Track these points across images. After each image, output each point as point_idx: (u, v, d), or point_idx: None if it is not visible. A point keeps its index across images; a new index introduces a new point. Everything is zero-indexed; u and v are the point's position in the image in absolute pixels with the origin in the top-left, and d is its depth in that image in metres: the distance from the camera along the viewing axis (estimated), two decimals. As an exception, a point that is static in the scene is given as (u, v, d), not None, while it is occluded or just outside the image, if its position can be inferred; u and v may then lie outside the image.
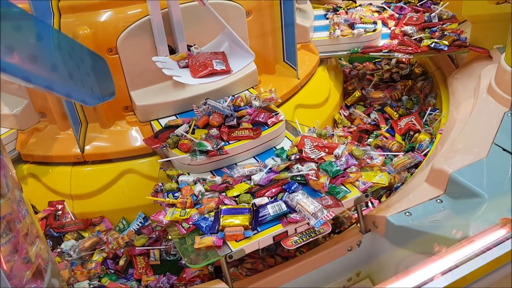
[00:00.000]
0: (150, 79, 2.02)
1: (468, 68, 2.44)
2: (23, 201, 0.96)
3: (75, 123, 1.96)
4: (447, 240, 1.36)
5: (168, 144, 1.79)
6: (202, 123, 1.86)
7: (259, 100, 1.97)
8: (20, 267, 0.90)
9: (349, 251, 1.65)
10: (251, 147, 1.81)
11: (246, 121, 1.86)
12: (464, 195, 1.52)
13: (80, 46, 1.04)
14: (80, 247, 1.83)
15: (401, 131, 2.38)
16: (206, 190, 1.63)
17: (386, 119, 2.49)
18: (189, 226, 1.50)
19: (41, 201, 2.01)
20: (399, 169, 2.07)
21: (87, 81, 0.97)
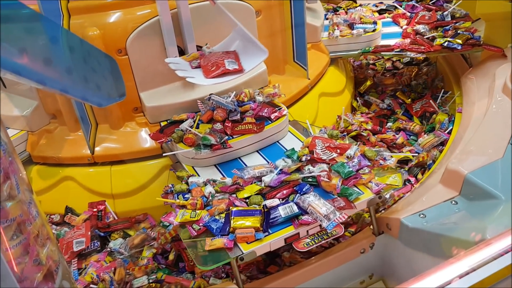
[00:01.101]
0: (159, 80, 2.01)
1: (482, 67, 2.40)
2: (33, 203, 0.95)
3: (85, 125, 1.96)
4: (463, 242, 1.34)
5: (173, 139, 1.82)
6: (207, 118, 1.89)
7: (263, 95, 1.98)
8: (31, 269, 0.89)
9: (361, 253, 1.63)
10: (255, 141, 1.84)
11: (250, 116, 1.88)
12: (480, 197, 1.49)
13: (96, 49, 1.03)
14: (129, 244, 1.83)
15: (418, 113, 2.45)
16: (217, 192, 1.62)
17: (400, 103, 2.57)
18: (200, 227, 1.49)
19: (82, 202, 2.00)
20: (427, 148, 2.14)
21: (104, 84, 0.96)
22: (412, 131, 2.33)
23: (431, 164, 2.07)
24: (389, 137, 2.28)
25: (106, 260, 1.78)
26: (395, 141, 2.26)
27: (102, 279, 1.68)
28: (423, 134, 2.28)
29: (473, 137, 1.78)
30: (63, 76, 0.82)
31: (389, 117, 2.49)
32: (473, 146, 1.72)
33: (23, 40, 0.73)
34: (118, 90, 0.93)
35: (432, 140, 2.16)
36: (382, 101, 2.60)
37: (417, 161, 2.09)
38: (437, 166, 1.97)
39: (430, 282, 1.07)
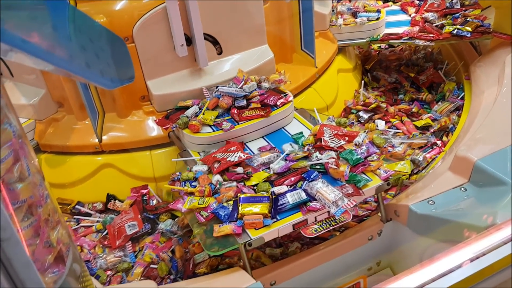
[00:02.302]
0: (166, 68, 2.01)
1: (491, 55, 2.38)
2: (44, 186, 0.95)
3: (92, 113, 1.96)
4: (473, 228, 1.33)
5: (178, 125, 1.83)
6: (212, 105, 1.89)
7: (268, 82, 1.98)
8: (41, 251, 0.89)
9: (369, 240, 1.63)
10: (261, 127, 1.85)
11: (256, 102, 1.88)
12: (489, 183, 1.48)
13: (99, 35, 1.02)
14: (180, 224, 1.86)
15: (425, 84, 2.57)
16: (224, 180, 1.62)
17: (405, 77, 2.66)
18: (208, 214, 1.50)
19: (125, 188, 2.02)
20: (445, 114, 2.30)
21: (112, 66, 0.95)
22: (424, 101, 2.46)
23: (452, 127, 2.23)
24: (406, 107, 2.41)
25: (160, 241, 1.82)
26: (411, 110, 2.38)
27: (162, 259, 1.72)
28: (435, 102, 2.43)
29: (483, 125, 1.76)
30: (71, 57, 0.82)
31: (399, 90, 2.61)
32: (482, 133, 1.71)
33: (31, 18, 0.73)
34: (126, 73, 0.93)
35: (448, 106, 2.33)
36: (389, 75, 2.69)
37: (439, 125, 2.23)
38: (446, 153, 1.96)
39: (441, 266, 1.07)
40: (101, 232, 1.88)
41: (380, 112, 2.37)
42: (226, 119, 1.86)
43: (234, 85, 1.95)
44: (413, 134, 2.19)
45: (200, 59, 1.97)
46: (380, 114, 2.36)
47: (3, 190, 0.78)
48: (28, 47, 0.69)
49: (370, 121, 2.31)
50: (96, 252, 1.80)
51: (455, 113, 2.32)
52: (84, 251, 1.79)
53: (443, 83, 2.53)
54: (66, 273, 0.95)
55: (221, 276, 1.45)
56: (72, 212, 1.99)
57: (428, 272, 1.10)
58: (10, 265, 0.64)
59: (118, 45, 0.89)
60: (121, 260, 1.75)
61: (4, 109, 0.81)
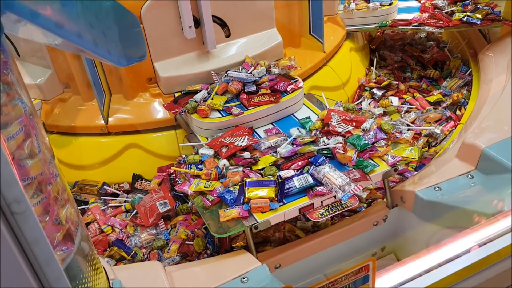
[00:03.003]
0: (174, 50, 1.99)
1: (500, 43, 2.36)
2: (53, 164, 0.95)
3: (99, 94, 1.95)
4: (479, 215, 1.33)
5: (186, 109, 1.81)
6: (221, 90, 1.87)
7: (278, 67, 1.96)
8: (51, 228, 0.90)
9: (374, 225, 1.63)
10: (270, 112, 1.83)
11: (265, 87, 1.86)
12: (497, 171, 1.48)
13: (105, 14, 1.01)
14: None
15: (430, 62, 2.65)
16: (231, 164, 1.61)
17: (410, 56, 2.73)
18: (214, 198, 1.49)
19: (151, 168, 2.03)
20: (454, 89, 2.38)
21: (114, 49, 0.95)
22: (432, 78, 2.53)
23: (464, 102, 2.30)
24: (416, 84, 2.50)
25: (192, 218, 1.84)
26: (421, 87, 2.47)
27: (197, 235, 1.74)
28: (442, 80, 2.51)
29: (491, 113, 1.76)
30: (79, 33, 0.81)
31: (405, 68, 2.66)
32: (490, 121, 1.70)
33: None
34: (137, 51, 0.92)
35: (457, 82, 2.41)
36: (395, 54, 2.75)
37: (451, 100, 2.31)
38: (453, 140, 1.95)
39: (448, 251, 1.07)
40: (130, 212, 1.89)
41: (392, 89, 2.45)
42: (235, 104, 1.83)
43: (243, 70, 1.93)
44: (427, 109, 2.26)
45: (208, 41, 1.96)
46: (392, 91, 2.44)
47: (13, 166, 0.78)
48: (37, 19, 0.68)
49: (384, 98, 2.38)
50: (128, 231, 1.80)
51: (465, 88, 2.38)
52: (116, 230, 1.80)
53: (448, 60, 2.61)
54: (75, 251, 0.96)
55: (226, 259, 1.46)
56: (99, 193, 1.99)
57: (434, 258, 1.11)
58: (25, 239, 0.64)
59: (128, 24, 0.88)
60: (155, 238, 1.76)
61: (15, 85, 0.81)
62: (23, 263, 0.68)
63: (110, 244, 1.76)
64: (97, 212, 1.86)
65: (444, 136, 2.08)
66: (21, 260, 0.66)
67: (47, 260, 0.69)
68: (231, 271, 1.32)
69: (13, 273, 0.67)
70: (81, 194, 1.98)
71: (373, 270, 0.91)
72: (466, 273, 1.12)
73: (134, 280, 1.24)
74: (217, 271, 1.38)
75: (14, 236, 0.64)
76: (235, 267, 1.36)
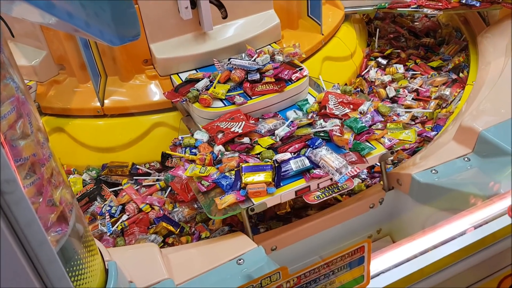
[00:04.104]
0: (170, 31, 1.97)
1: (499, 26, 2.34)
2: (46, 145, 0.94)
3: (94, 76, 1.93)
4: (475, 197, 1.33)
5: (188, 98, 1.75)
6: (224, 78, 1.81)
7: (283, 55, 1.90)
8: (44, 209, 0.89)
9: (371, 208, 1.63)
10: (275, 102, 1.77)
11: (269, 76, 1.80)
12: (493, 154, 1.48)
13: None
14: None
15: (423, 31, 2.73)
16: (227, 150, 1.59)
17: (401, 27, 2.79)
18: (209, 183, 1.48)
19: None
20: (453, 54, 2.49)
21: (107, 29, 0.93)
22: (428, 45, 2.61)
23: (465, 65, 2.39)
24: (415, 52, 2.59)
25: None
26: (419, 54, 2.56)
27: None
28: (438, 47, 2.61)
29: (488, 95, 1.75)
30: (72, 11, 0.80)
31: (399, 38, 2.73)
32: (488, 104, 1.70)
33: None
34: (131, 31, 0.90)
35: (455, 47, 2.52)
36: (388, 25, 2.80)
37: (453, 64, 2.40)
38: (450, 123, 1.94)
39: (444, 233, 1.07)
40: (164, 190, 1.88)
41: (394, 57, 2.55)
42: (238, 93, 1.77)
43: (246, 58, 1.87)
44: (432, 74, 2.37)
45: (205, 22, 1.93)
46: (395, 59, 2.54)
47: (5, 146, 0.77)
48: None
49: (389, 66, 2.46)
50: (167, 208, 1.79)
51: (463, 53, 2.48)
52: (156, 208, 1.80)
53: (439, 28, 2.71)
54: (69, 233, 0.95)
55: (223, 241, 1.47)
56: (131, 173, 1.98)
57: (429, 240, 1.11)
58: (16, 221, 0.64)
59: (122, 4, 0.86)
60: (197, 212, 1.76)
61: (6, 64, 0.79)
62: (15, 246, 0.68)
63: (151, 222, 1.76)
64: (132, 192, 1.85)
65: (454, 97, 2.18)
66: (13, 243, 0.65)
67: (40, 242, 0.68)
68: (227, 253, 1.33)
69: (5, 255, 0.66)
70: (112, 176, 1.96)
71: (368, 251, 0.91)
72: (461, 255, 1.13)
73: (130, 262, 1.24)
74: (213, 253, 1.39)
75: (6, 218, 0.64)
76: (231, 249, 1.36)
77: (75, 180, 1.93)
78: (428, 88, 2.27)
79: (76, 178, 1.95)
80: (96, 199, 1.86)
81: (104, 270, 1.10)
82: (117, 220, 1.75)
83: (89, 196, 1.85)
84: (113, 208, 1.80)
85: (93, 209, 1.82)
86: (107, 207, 1.80)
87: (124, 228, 1.73)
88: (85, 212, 1.81)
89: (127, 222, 1.73)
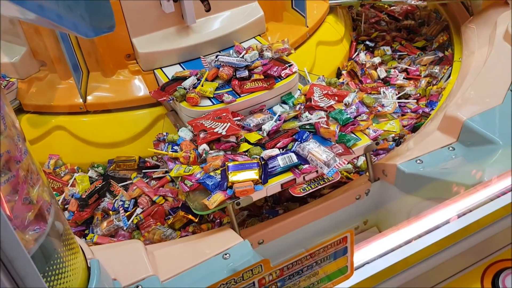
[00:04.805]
0: (152, 25, 1.94)
1: (483, 16, 2.35)
2: (22, 141, 0.92)
3: (76, 72, 1.90)
4: (460, 185, 1.33)
5: (175, 97, 1.70)
6: (212, 76, 1.75)
7: (271, 51, 1.85)
8: (21, 207, 0.87)
9: (357, 199, 1.63)
10: (265, 99, 1.72)
11: (258, 73, 1.74)
12: (478, 143, 1.48)
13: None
14: None
15: (401, 15, 2.84)
16: (211, 149, 1.54)
17: (380, 11, 2.90)
18: (192, 183, 1.44)
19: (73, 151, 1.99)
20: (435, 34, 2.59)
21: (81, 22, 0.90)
22: (409, 28, 2.73)
23: (448, 44, 2.51)
24: (398, 34, 2.70)
25: None
26: (403, 36, 2.68)
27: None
28: (418, 28, 2.72)
29: (473, 84, 1.75)
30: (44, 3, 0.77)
31: (380, 22, 2.83)
32: (472, 93, 1.70)
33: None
34: (106, 22, 0.88)
35: (436, 27, 2.62)
36: (368, 10, 2.90)
37: (437, 43, 2.51)
38: (435, 113, 1.95)
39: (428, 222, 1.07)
40: (174, 181, 1.82)
41: (379, 40, 2.65)
42: (226, 91, 1.72)
43: (234, 54, 1.82)
44: (418, 53, 2.47)
45: (188, 16, 1.91)
46: (382, 42, 2.63)
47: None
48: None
49: (377, 48, 2.56)
50: (181, 199, 1.77)
51: (445, 32, 2.57)
52: (169, 199, 1.79)
53: (418, 11, 2.80)
54: (48, 231, 0.94)
55: (209, 236, 1.45)
56: (140, 167, 1.95)
57: (414, 229, 1.11)
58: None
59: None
60: None
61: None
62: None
63: (167, 213, 1.75)
64: (143, 185, 1.83)
65: (443, 74, 2.29)
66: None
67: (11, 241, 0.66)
68: (213, 248, 1.31)
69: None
70: (120, 171, 1.93)
71: (351, 242, 0.90)
72: (445, 243, 1.13)
73: (114, 259, 1.23)
74: (199, 248, 1.37)
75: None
76: (217, 243, 1.35)
77: (82, 177, 1.90)
78: (417, 67, 2.39)
79: (82, 176, 1.91)
80: (106, 195, 1.84)
81: (86, 268, 1.08)
82: (131, 214, 1.74)
83: (99, 192, 1.82)
84: (126, 202, 1.78)
85: (104, 205, 1.79)
86: (119, 202, 1.78)
87: (139, 221, 1.71)
88: (96, 208, 1.79)
89: (142, 215, 1.72)
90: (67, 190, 1.85)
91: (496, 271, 1.27)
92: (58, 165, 1.98)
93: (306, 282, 0.95)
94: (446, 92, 2.12)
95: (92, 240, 1.67)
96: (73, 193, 1.81)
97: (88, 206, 1.77)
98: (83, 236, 1.74)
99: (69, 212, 1.78)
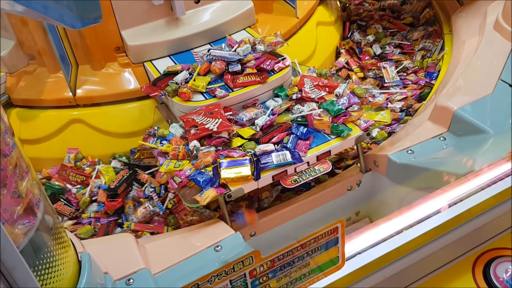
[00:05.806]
0: (141, 17, 1.92)
1: (473, 6, 2.35)
2: (9, 134, 0.91)
3: (65, 65, 1.88)
4: (451, 175, 1.34)
5: (167, 92, 1.68)
6: (204, 70, 1.73)
7: (264, 44, 1.83)
8: (10, 201, 0.86)
9: (348, 190, 1.63)
10: (258, 93, 1.70)
11: (251, 66, 1.72)
12: (469, 132, 1.48)
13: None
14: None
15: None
16: (202, 145, 1.52)
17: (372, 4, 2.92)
18: (181, 180, 1.42)
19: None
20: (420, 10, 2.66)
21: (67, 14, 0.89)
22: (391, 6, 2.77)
23: (434, 19, 2.61)
24: (384, 13, 2.76)
25: None
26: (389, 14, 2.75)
27: None
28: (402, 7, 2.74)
29: (463, 74, 1.75)
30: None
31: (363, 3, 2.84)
32: (462, 83, 1.70)
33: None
34: (92, 13, 0.87)
35: (420, 4, 2.66)
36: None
37: (424, 19, 2.61)
38: (426, 104, 1.95)
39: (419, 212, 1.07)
40: None
41: (368, 19, 2.71)
42: (219, 85, 1.70)
43: (227, 48, 1.80)
44: (408, 29, 2.58)
45: (177, 7, 1.89)
46: (372, 21, 2.70)
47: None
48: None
49: (369, 27, 2.62)
50: None
51: (431, 8, 2.65)
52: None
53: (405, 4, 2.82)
54: (37, 225, 0.93)
55: (200, 228, 1.45)
56: None
57: (405, 219, 1.11)
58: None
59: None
60: None
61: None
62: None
63: None
64: None
65: (436, 47, 2.40)
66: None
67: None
68: (205, 241, 1.31)
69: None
70: (144, 159, 1.90)
71: (342, 232, 0.90)
72: (437, 233, 1.13)
73: (105, 253, 1.22)
74: (190, 241, 1.36)
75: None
76: (209, 236, 1.34)
77: (106, 169, 1.85)
78: (410, 43, 2.49)
79: (107, 167, 1.87)
80: (133, 184, 1.82)
81: (77, 262, 1.07)
82: (164, 199, 1.73)
83: (126, 181, 1.79)
84: (156, 188, 1.76)
85: (134, 194, 1.78)
86: (150, 188, 1.76)
87: (173, 206, 1.70)
88: (126, 197, 1.77)
89: (176, 199, 1.71)
90: (92, 183, 1.82)
91: (487, 260, 1.28)
92: (78, 159, 1.96)
93: (297, 273, 0.95)
94: (445, 66, 2.20)
95: (129, 228, 1.66)
96: (99, 185, 1.78)
97: (118, 196, 1.75)
98: (118, 225, 1.72)
99: (98, 203, 1.76)
